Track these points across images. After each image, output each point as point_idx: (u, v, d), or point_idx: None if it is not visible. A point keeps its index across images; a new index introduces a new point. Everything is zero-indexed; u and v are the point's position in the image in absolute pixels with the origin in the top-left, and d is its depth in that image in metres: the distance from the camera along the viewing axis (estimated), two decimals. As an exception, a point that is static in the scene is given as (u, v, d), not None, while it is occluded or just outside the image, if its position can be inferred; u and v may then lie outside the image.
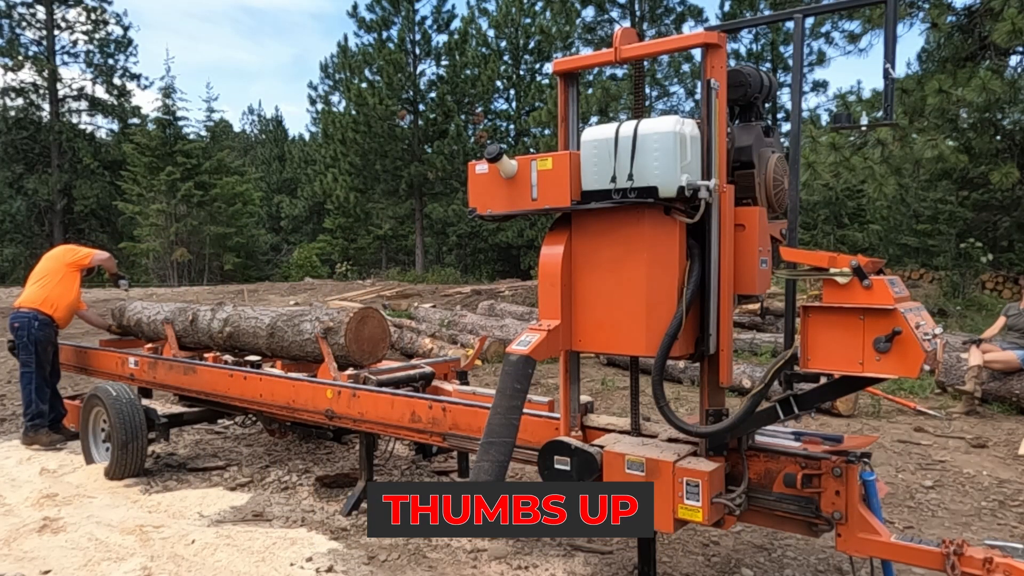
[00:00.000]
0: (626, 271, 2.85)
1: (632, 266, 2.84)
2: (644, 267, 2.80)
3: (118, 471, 4.85)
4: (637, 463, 2.85)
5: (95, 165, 34.11)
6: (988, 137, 15.99)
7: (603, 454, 2.95)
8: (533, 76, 29.86)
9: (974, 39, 12.01)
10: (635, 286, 2.83)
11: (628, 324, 2.85)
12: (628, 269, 2.85)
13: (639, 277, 2.82)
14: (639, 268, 2.82)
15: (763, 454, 2.83)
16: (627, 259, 2.85)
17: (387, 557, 3.69)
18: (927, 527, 4.18)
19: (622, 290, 2.87)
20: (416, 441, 4.15)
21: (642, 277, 2.81)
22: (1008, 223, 19.96)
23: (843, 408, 6.73)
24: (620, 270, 2.87)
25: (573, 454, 2.97)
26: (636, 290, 2.83)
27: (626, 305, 2.86)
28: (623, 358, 9.20)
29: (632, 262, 2.84)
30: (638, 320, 2.82)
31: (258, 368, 4.96)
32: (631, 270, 2.84)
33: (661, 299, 2.79)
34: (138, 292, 21.05)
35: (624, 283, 2.86)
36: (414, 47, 27.99)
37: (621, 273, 2.87)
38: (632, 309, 2.84)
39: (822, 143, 11.78)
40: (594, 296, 2.94)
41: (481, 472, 2.74)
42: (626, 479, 2.84)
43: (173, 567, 3.52)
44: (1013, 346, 6.95)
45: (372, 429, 4.08)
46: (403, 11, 27.89)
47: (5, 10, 33.15)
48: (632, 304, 2.84)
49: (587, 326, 2.97)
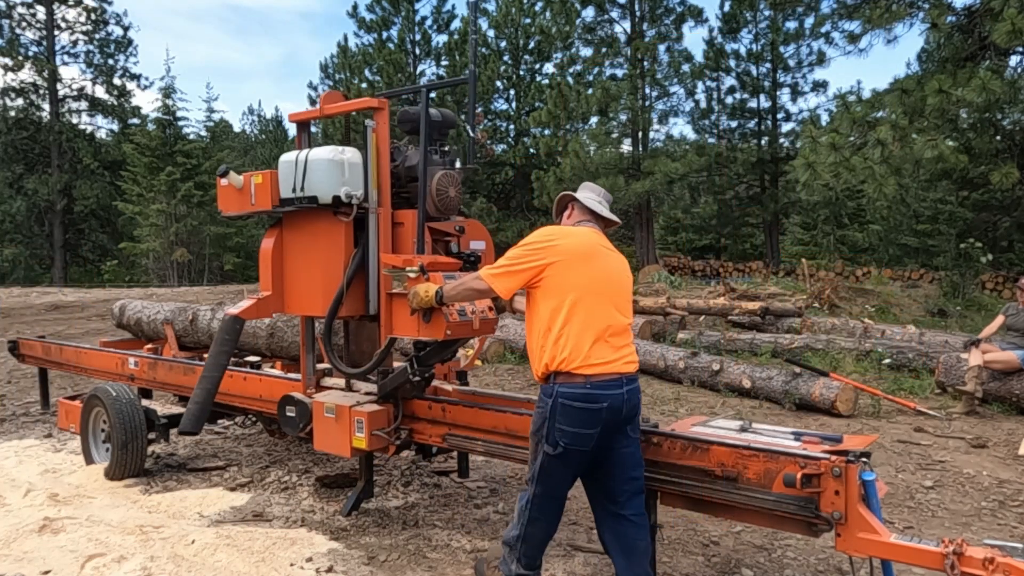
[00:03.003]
0: (311, 255, 3.99)
1: (314, 252, 3.97)
2: (321, 252, 3.93)
3: (118, 471, 4.84)
4: (330, 408, 3.90)
5: (95, 165, 34.11)
6: (988, 137, 16.00)
7: (313, 403, 3.98)
8: (533, 76, 29.85)
9: (974, 39, 12.00)
10: (315, 266, 3.96)
11: (313, 293, 3.97)
12: (312, 254, 3.98)
13: (317, 260, 3.94)
14: (318, 253, 3.95)
15: (763, 454, 2.83)
16: (311, 247, 3.98)
17: (387, 557, 3.69)
18: (927, 527, 4.18)
19: (309, 269, 4.00)
20: (416, 440, 4.14)
21: (319, 260, 3.93)
22: (1008, 223, 19.96)
23: (843, 408, 6.73)
24: (308, 255, 4.01)
25: (297, 404, 4.05)
26: (316, 269, 3.95)
27: (312, 280, 3.98)
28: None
29: (314, 249, 3.97)
30: (317, 290, 3.94)
31: (258, 368, 4.96)
32: (313, 255, 3.97)
33: (333, 275, 3.85)
34: (138, 292, 21.05)
35: (310, 264, 3.99)
36: (414, 47, 28.00)
37: (308, 257, 4.00)
38: (314, 282, 3.96)
39: (822, 143, 11.76)
40: (294, 274, 4.09)
41: (194, 396, 3.99)
42: (325, 420, 3.89)
43: (173, 567, 3.52)
44: (1013, 346, 6.95)
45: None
46: (403, 11, 27.91)
47: (5, 10, 33.17)
48: (315, 279, 3.96)
49: (291, 295, 4.12)
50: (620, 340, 2.94)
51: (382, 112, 3.84)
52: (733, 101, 26.49)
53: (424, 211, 3.72)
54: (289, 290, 4.09)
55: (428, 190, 3.78)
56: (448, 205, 3.89)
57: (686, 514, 4.11)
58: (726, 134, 26.73)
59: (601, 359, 2.86)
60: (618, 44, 23.35)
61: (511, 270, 2.98)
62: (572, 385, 2.84)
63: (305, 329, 4.16)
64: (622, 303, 3.02)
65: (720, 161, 24.25)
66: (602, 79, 23.15)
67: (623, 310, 3.02)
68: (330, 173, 3.73)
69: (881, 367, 8.58)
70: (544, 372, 2.92)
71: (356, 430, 3.76)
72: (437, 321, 3.41)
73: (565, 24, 22.92)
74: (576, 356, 2.83)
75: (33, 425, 6.60)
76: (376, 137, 3.81)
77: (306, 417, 3.99)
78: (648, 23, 23.00)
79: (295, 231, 4.06)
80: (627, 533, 2.97)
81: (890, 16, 12.19)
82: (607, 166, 21.09)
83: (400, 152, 3.98)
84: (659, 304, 11.72)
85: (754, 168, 25.98)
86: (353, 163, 3.79)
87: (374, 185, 3.80)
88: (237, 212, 4.21)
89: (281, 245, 4.10)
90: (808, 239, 30.92)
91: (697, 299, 13.39)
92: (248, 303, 4.04)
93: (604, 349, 2.88)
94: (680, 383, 8.29)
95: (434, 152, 3.98)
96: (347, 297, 3.80)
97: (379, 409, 3.79)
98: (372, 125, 3.80)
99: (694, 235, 33.71)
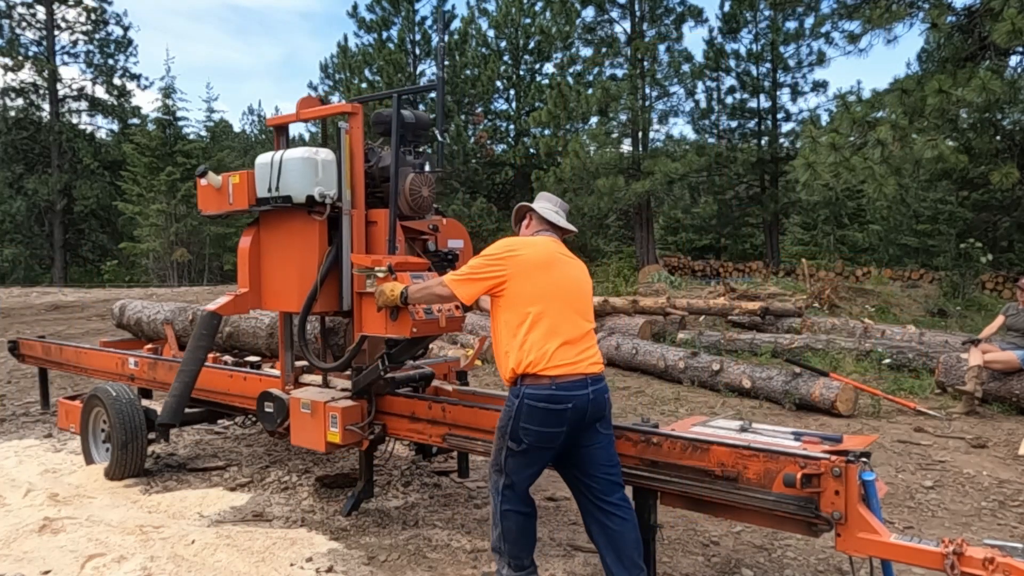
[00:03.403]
0: (287, 253, 4.08)
1: (289, 250, 4.07)
2: (296, 251, 4.03)
3: (118, 471, 4.84)
4: (306, 404, 3.97)
5: (95, 165, 34.09)
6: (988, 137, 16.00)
7: (290, 399, 4.07)
8: (533, 76, 29.82)
9: (974, 39, 12.00)
10: (291, 264, 4.06)
11: (289, 290, 4.06)
12: (287, 252, 4.08)
13: (293, 257, 4.04)
14: (293, 251, 4.04)
15: (763, 454, 2.83)
16: (287, 245, 4.08)
17: (387, 557, 3.69)
18: (927, 527, 4.18)
19: (285, 267, 4.10)
20: (416, 440, 4.15)
21: (294, 257, 4.03)
22: (1008, 223, 19.97)
23: (843, 408, 6.73)
24: (284, 253, 4.10)
25: (274, 400, 4.16)
26: (291, 266, 4.05)
27: (287, 277, 4.08)
28: (621, 358, 9.24)
29: (289, 247, 4.07)
30: (293, 287, 4.03)
31: (258, 368, 4.96)
32: (288, 252, 4.07)
33: (308, 273, 3.94)
34: (138, 292, 21.05)
35: (286, 262, 4.09)
36: (414, 47, 27.99)
37: (284, 255, 4.10)
38: (290, 279, 4.05)
39: (822, 143, 11.75)
40: (270, 271, 4.19)
41: (172, 389, 4.13)
42: (301, 415, 3.98)
43: (173, 567, 3.52)
44: (1012, 346, 6.95)
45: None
46: (403, 11, 27.88)
47: (5, 10, 33.15)
48: (290, 276, 4.06)
49: (268, 292, 4.21)
50: (583, 343, 3.08)
51: (356, 116, 3.95)
52: (733, 101, 26.47)
53: (395, 211, 3.84)
54: (266, 287, 4.21)
55: (402, 190, 3.90)
56: (421, 205, 4.01)
57: (686, 514, 4.11)
58: (726, 134, 26.70)
59: (565, 361, 2.99)
60: (618, 44, 23.34)
61: (473, 278, 3.17)
62: (538, 387, 2.97)
63: (283, 326, 4.25)
64: (583, 308, 3.16)
65: (720, 161, 24.22)
66: (602, 79, 23.12)
67: (584, 315, 3.16)
68: (304, 173, 3.84)
69: (881, 367, 8.58)
70: (511, 376, 3.07)
71: (331, 425, 3.86)
72: (403, 319, 3.53)
73: (565, 24, 22.90)
74: (541, 359, 2.97)
75: (33, 425, 6.60)
76: (350, 139, 3.92)
77: (283, 413, 4.09)
78: (648, 23, 22.98)
79: (271, 230, 4.18)
80: (612, 525, 3.05)
81: (890, 16, 12.19)
82: (607, 166, 21.07)
83: (374, 153, 4.08)
84: (659, 304, 11.72)
85: (754, 168, 25.96)
86: (327, 163, 3.89)
87: (347, 185, 3.91)
88: (216, 211, 4.34)
89: (258, 243, 4.23)
90: (808, 239, 30.91)
91: (697, 299, 13.39)
92: (225, 299, 4.16)
93: (568, 352, 3.01)
94: (680, 383, 8.28)
95: (408, 153, 4.06)
96: (321, 294, 3.91)
97: (353, 405, 3.90)
98: (346, 127, 3.91)
99: (694, 235, 33.70)
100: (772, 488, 2.77)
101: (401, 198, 3.92)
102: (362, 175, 3.94)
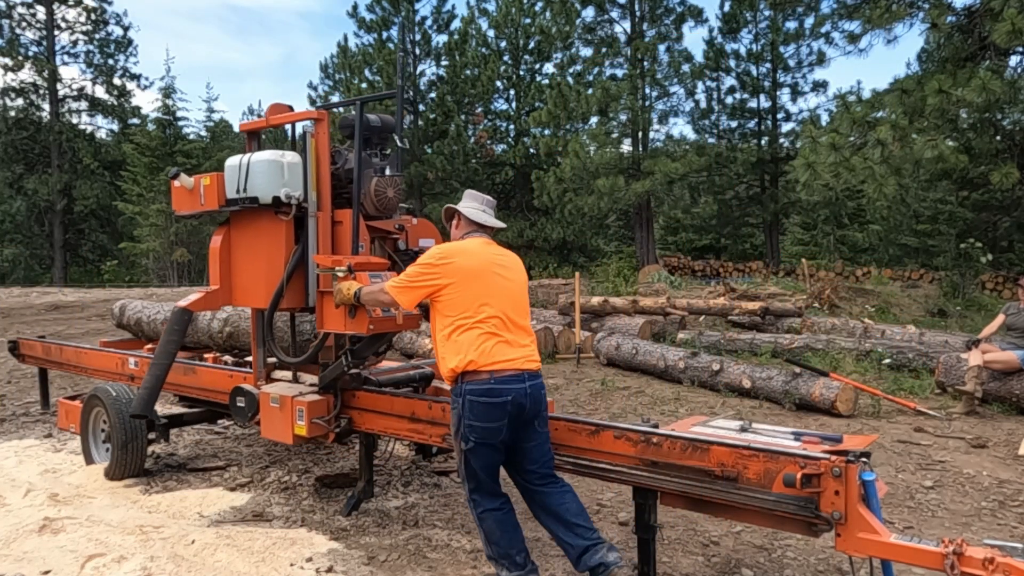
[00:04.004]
0: (255, 251, 4.24)
1: (257, 248, 4.23)
2: (263, 249, 4.19)
3: (118, 471, 4.84)
4: (275, 398, 4.13)
5: (95, 165, 34.09)
6: (988, 137, 16.00)
7: (260, 394, 4.20)
8: (533, 76, 29.81)
9: (974, 39, 12.00)
10: (259, 262, 4.21)
11: (257, 287, 4.21)
12: (255, 250, 4.24)
13: (260, 256, 4.20)
14: (260, 249, 4.20)
15: (763, 454, 2.83)
16: (255, 244, 4.24)
17: (387, 557, 3.69)
18: (927, 527, 4.18)
19: (253, 265, 4.25)
20: (415, 440, 4.15)
21: (262, 255, 4.19)
22: (1008, 223, 19.97)
23: (843, 408, 6.73)
24: (252, 251, 4.27)
25: (246, 395, 4.28)
26: (259, 264, 4.21)
27: (256, 275, 4.22)
28: (621, 358, 9.23)
29: (257, 246, 4.23)
30: (260, 284, 4.19)
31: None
32: (256, 251, 4.23)
33: (275, 271, 4.10)
34: (138, 292, 21.05)
35: (254, 260, 4.25)
36: (414, 47, 27.97)
37: (253, 253, 4.26)
38: (258, 277, 4.21)
39: (822, 143, 11.75)
40: (240, 269, 4.35)
41: (144, 382, 4.28)
42: (271, 409, 4.15)
43: (173, 567, 3.52)
44: (1012, 346, 6.95)
45: (372, 429, 4.08)
46: (403, 11, 27.86)
47: (5, 10, 33.15)
48: (258, 274, 4.21)
49: (237, 289, 4.37)
50: (520, 340, 3.25)
51: (322, 122, 4.11)
52: (733, 101, 26.48)
53: (358, 213, 3.98)
54: (236, 284, 4.39)
55: (367, 191, 4.07)
56: (387, 205, 4.14)
57: (686, 514, 4.11)
58: (726, 134, 26.71)
59: (502, 357, 3.15)
60: (618, 44, 23.34)
61: (410, 286, 3.32)
62: (477, 382, 3.13)
63: (256, 323, 4.36)
64: (517, 307, 3.32)
65: (720, 161, 24.22)
66: (602, 79, 23.12)
67: (519, 313, 3.31)
68: (270, 175, 4.00)
69: (881, 367, 8.58)
70: (452, 375, 3.21)
71: (298, 418, 4.01)
72: (361, 317, 3.69)
73: (565, 24, 22.90)
74: (479, 357, 3.13)
75: (33, 425, 6.60)
76: (315, 143, 4.07)
77: (254, 407, 4.23)
78: (648, 23, 22.98)
79: (240, 229, 4.35)
80: (552, 497, 3.26)
81: (890, 16, 12.18)
82: (607, 166, 21.07)
83: (341, 155, 4.19)
84: (659, 304, 11.73)
85: (754, 168, 25.97)
86: (293, 166, 4.04)
87: (313, 187, 4.06)
88: (189, 211, 4.51)
89: (228, 242, 4.40)
90: (808, 239, 30.90)
91: (697, 299, 13.40)
92: (197, 296, 4.35)
93: (504, 349, 3.17)
94: (680, 383, 8.28)
95: (374, 155, 4.21)
96: (289, 291, 4.06)
97: (319, 399, 4.05)
98: (311, 131, 4.08)
99: (694, 235, 33.70)
100: (772, 488, 2.77)
101: (367, 199, 4.07)
102: (328, 177, 4.09)
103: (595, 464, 3.28)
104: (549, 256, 26.82)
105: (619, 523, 4.20)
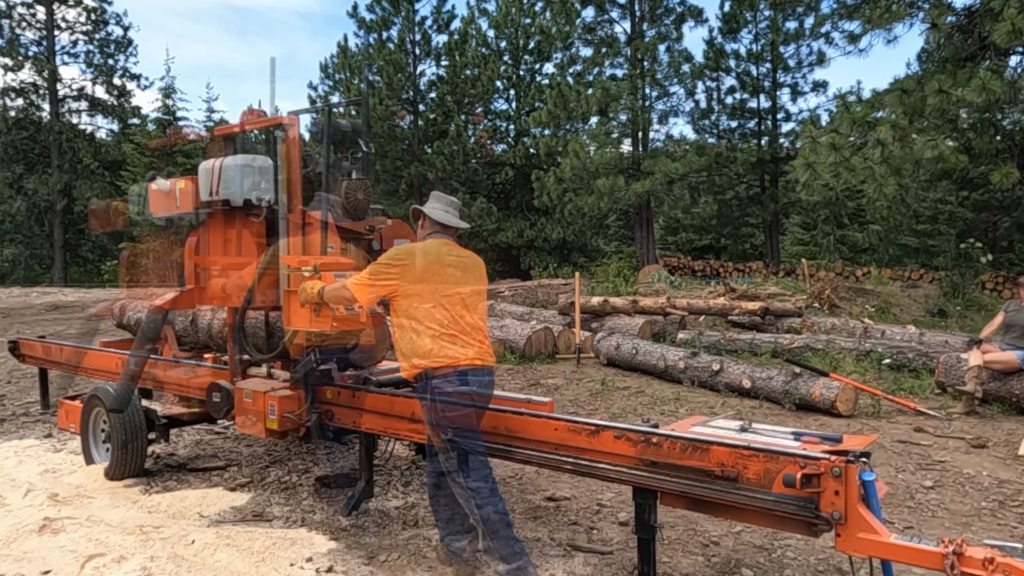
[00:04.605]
0: (227, 253, 4.42)
1: (229, 249, 4.39)
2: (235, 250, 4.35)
3: (118, 471, 4.84)
4: (249, 393, 4.27)
5: (95, 165, 34.04)
6: (988, 137, 16.00)
7: (235, 390, 4.37)
8: (533, 76, 29.81)
9: (974, 39, 12.00)
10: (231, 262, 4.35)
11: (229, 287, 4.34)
12: (228, 251, 4.40)
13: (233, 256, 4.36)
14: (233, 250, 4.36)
15: (763, 454, 2.83)
16: (228, 244, 4.42)
17: (387, 557, 3.69)
18: (927, 527, 4.18)
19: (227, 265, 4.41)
20: (415, 440, 4.16)
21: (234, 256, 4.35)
22: (1008, 223, 19.97)
23: (843, 408, 6.73)
24: (226, 251, 4.43)
25: (221, 390, 4.46)
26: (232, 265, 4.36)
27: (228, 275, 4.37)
28: (621, 358, 9.23)
29: (230, 247, 4.40)
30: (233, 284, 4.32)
31: (258, 368, 4.96)
32: (229, 252, 4.40)
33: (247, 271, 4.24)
34: (138, 292, 21.03)
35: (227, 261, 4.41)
36: (414, 47, 27.97)
37: (225, 254, 4.43)
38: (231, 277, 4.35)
39: (822, 143, 11.75)
40: (214, 268, 4.53)
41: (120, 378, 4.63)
42: (245, 404, 4.28)
43: (173, 567, 3.52)
44: (1012, 346, 6.95)
45: (373, 429, 4.08)
46: (403, 11, 27.86)
47: (5, 10, 33.11)
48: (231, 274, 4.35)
49: (211, 288, 4.55)
50: (475, 337, 3.41)
51: (293, 127, 4.26)
52: (733, 101, 26.49)
53: (326, 215, 4.11)
54: (209, 284, 4.59)
55: (338, 194, 4.24)
56: (358, 207, 4.29)
57: (686, 514, 4.11)
58: (726, 134, 26.72)
59: (462, 354, 3.32)
60: (618, 44, 23.35)
61: (369, 283, 3.44)
62: (442, 379, 3.30)
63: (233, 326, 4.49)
64: (473, 305, 3.46)
65: (720, 161, 24.22)
66: (602, 79, 23.13)
67: (475, 311, 3.46)
68: (241, 179, 4.19)
69: (881, 367, 8.58)
70: (415, 372, 3.38)
71: (269, 413, 4.15)
72: (325, 315, 3.85)
73: (565, 24, 22.90)
74: (439, 353, 3.30)
75: (33, 425, 6.60)
76: (286, 147, 4.22)
77: (229, 402, 4.39)
78: (648, 23, 22.98)
79: (214, 231, 4.52)
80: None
81: (890, 16, 12.19)
82: (607, 166, 21.08)
83: (312, 159, 4.33)
84: (659, 304, 11.73)
85: (754, 168, 25.96)
86: (264, 169, 4.22)
87: (284, 190, 4.20)
88: (166, 214, 4.66)
89: (202, 243, 4.60)
90: (808, 239, 30.90)
91: (697, 299, 13.40)
92: (172, 295, 4.54)
93: (461, 347, 3.34)
94: (680, 383, 8.28)
95: (345, 159, 4.37)
96: (260, 291, 4.24)
97: (290, 395, 4.19)
98: (282, 136, 4.21)
99: (694, 235, 33.70)
100: (772, 488, 2.77)
101: (337, 201, 4.22)
102: (299, 181, 4.24)
103: (595, 464, 3.27)
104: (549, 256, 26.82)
105: (619, 523, 4.20)
